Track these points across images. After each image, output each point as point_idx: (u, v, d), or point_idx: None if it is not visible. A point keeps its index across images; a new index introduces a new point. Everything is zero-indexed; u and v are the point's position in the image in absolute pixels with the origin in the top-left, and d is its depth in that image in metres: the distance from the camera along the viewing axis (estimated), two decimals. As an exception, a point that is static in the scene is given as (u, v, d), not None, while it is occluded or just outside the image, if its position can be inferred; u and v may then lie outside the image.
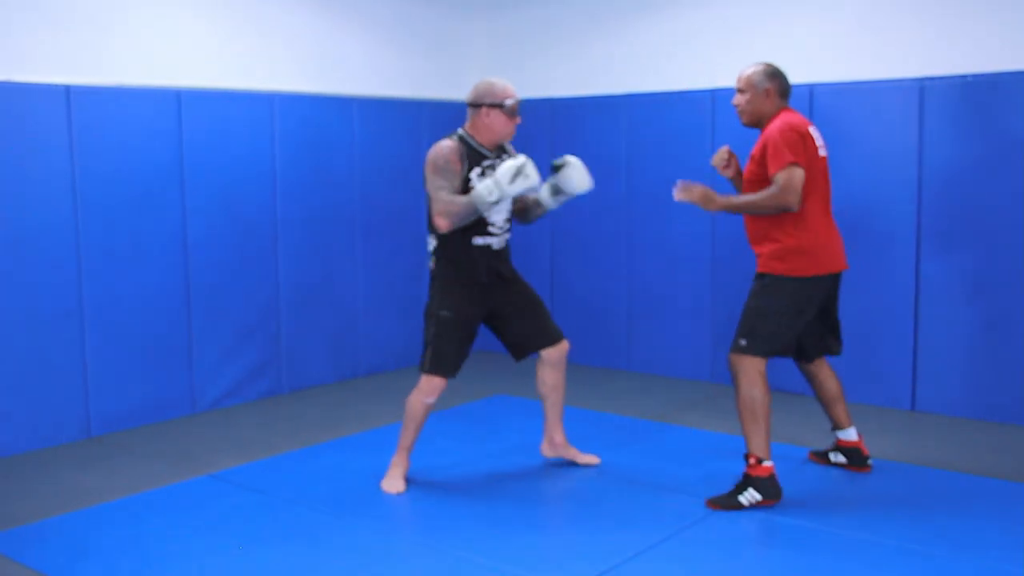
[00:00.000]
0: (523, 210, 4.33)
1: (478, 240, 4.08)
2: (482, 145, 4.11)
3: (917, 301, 5.33)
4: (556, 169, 4.20)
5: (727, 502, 3.92)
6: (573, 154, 4.30)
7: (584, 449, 4.60)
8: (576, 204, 4.80)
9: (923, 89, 5.22)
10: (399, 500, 4.11)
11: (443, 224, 3.92)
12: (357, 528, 3.81)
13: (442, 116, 6.84)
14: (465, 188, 4.01)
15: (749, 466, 3.93)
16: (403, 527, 3.81)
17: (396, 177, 6.54)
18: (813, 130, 4.02)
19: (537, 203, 4.29)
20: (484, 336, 7.40)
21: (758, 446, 3.91)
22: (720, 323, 6.04)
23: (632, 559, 3.48)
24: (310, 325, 6.10)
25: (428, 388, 4.17)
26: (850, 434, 4.38)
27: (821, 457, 4.49)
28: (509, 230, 4.23)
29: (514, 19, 7.00)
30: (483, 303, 4.19)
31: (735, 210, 4.03)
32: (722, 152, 4.33)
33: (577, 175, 4.16)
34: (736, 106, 4.16)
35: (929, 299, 5.30)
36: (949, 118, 5.18)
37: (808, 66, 5.63)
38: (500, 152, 4.20)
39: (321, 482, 4.35)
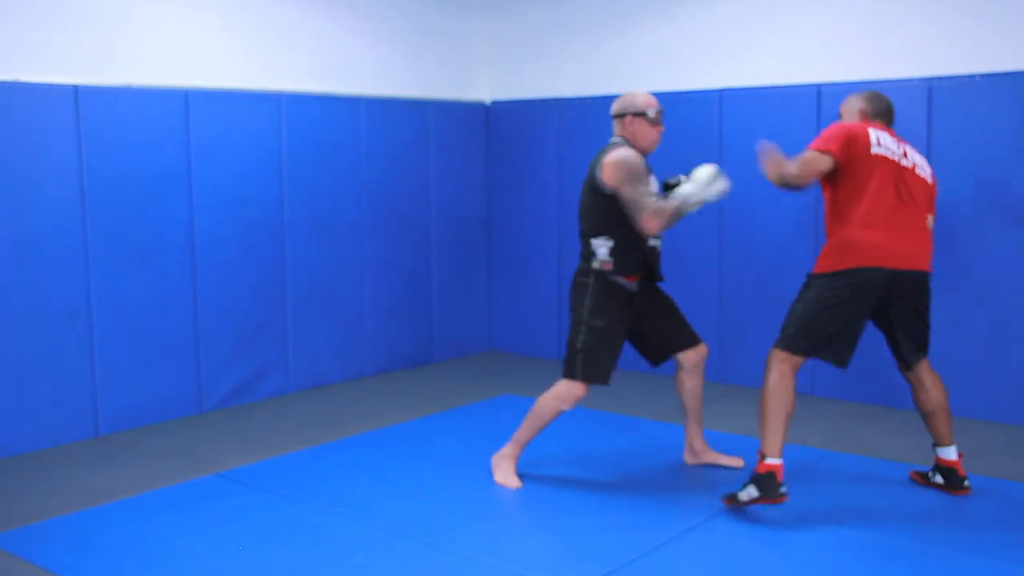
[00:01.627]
0: None
1: (653, 242, 4.18)
2: (639, 152, 4.17)
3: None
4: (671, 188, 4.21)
5: (731, 498, 3.91)
6: (580, 155, 4.32)
7: (589, 448, 4.59)
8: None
9: (931, 89, 5.21)
10: (405, 501, 4.11)
11: (655, 225, 3.94)
12: (363, 528, 3.81)
13: (449, 116, 6.86)
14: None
15: (757, 462, 3.90)
16: (409, 527, 3.81)
17: (403, 177, 6.55)
18: (879, 133, 3.95)
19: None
20: (486, 337, 7.41)
21: (768, 443, 3.87)
22: (726, 323, 6.03)
23: (638, 560, 3.48)
24: (317, 325, 6.11)
25: (569, 395, 4.17)
26: (948, 453, 4.12)
27: (923, 478, 4.25)
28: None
29: (521, 19, 6.99)
30: (630, 312, 4.21)
31: (783, 179, 3.87)
32: None
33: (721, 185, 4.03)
34: None
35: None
36: (957, 117, 5.17)
37: (815, 66, 5.63)
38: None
39: (328, 481, 4.35)
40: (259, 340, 5.80)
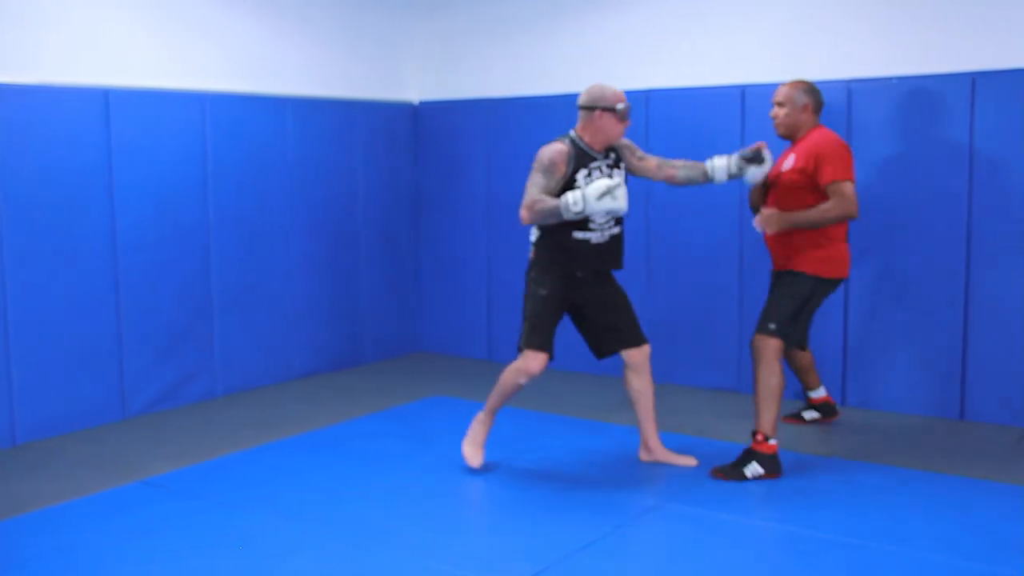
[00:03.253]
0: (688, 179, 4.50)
1: (578, 234, 4.22)
2: (591, 147, 4.27)
3: (847, 303, 5.46)
4: (751, 160, 4.40)
5: (732, 473, 4.25)
6: (508, 155, 4.36)
7: (518, 448, 4.61)
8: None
9: (850, 91, 5.34)
10: (335, 504, 4.08)
11: (524, 216, 4.14)
12: (294, 532, 3.77)
13: (379, 117, 6.83)
14: (569, 186, 4.18)
15: (756, 443, 4.27)
16: (341, 529, 3.78)
17: (331, 177, 6.50)
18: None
19: (705, 175, 4.47)
20: (415, 338, 7.38)
21: (768, 423, 4.25)
22: (659, 322, 6.11)
23: (569, 556, 3.50)
24: (245, 327, 6.02)
25: (524, 366, 4.27)
26: (820, 392, 5.09)
27: (795, 418, 5.14)
28: (614, 227, 4.30)
29: (449, 20, 6.99)
30: (575, 291, 4.32)
31: (804, 225, 4.30)
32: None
33: (762, 172, 4.43)
34: (774, 118, 4.52)
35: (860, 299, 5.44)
36: (874, 118, 5.32)
37: (740, 67, 5.73)
38: (608, 152, 4.34)
39: (257, 486, 4.29)
40: (184, 343, 5.69)
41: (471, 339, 7.00)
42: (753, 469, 4.24)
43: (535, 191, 4.15)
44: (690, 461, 4.49)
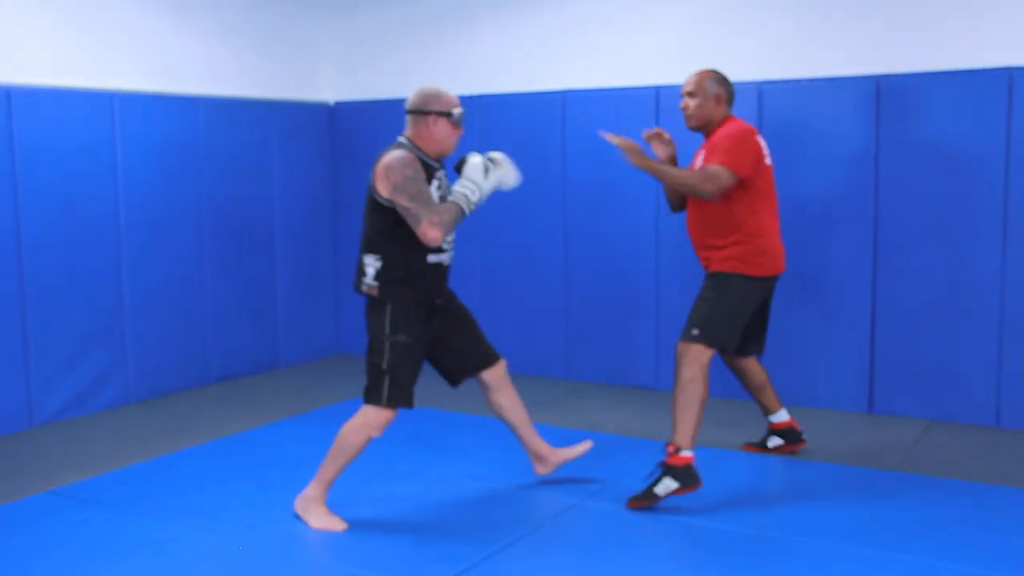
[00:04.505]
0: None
1: (432, 258, 3.76)
2: (427, 155, 3.77)
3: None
4: (457, 168, 3.87)
5: (644, 498, 3.91)
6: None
7: (436, 450, 4.58)
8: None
9: (761, 92, 5.46)
10: (254, 510, 4.01)
11: (436, 236, 3.56)
12: (210, 540, 3.70)
13: (292, 117, 6.74)
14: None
15: (668, 455, 3.93)
16: (258, 536, 3.72)
17: (245, 178, 6.40)
18: (760, 138, 4.19)
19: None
20: (335, 339, 7.31)
21: (684, 435, 3.94)
22: (573, 322, 6.15)
23: (490, 557, 3.51)
24: (157, 331, 5.89)
25: (378, 422, 3.77)
26: (782, 415, 4.62)
27: (759, 446, 4.69)
28: (453, 246, 3.91)
29: (365, 19, 6.94)
30: (431, 325, 3.87)
31: (659, 175, 4.05)
32: (659, 133, 4.39)
33: (507, 171, 3.81)
34: (684, 109, 4.23)
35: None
36: (784, 119, 5.44)
37: (654, 69, 5.81)
38: (441, 163, 3.88)
39: (172, 494, 4.20)
40: (95, 348, 5.55)
41: (391, 340, 6.95)
42: (665, 486, 3.89)
43: (425, 207, 3.58)
44: (586, 445, 4.28)
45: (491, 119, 6.30)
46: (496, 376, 4.10)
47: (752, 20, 5.54)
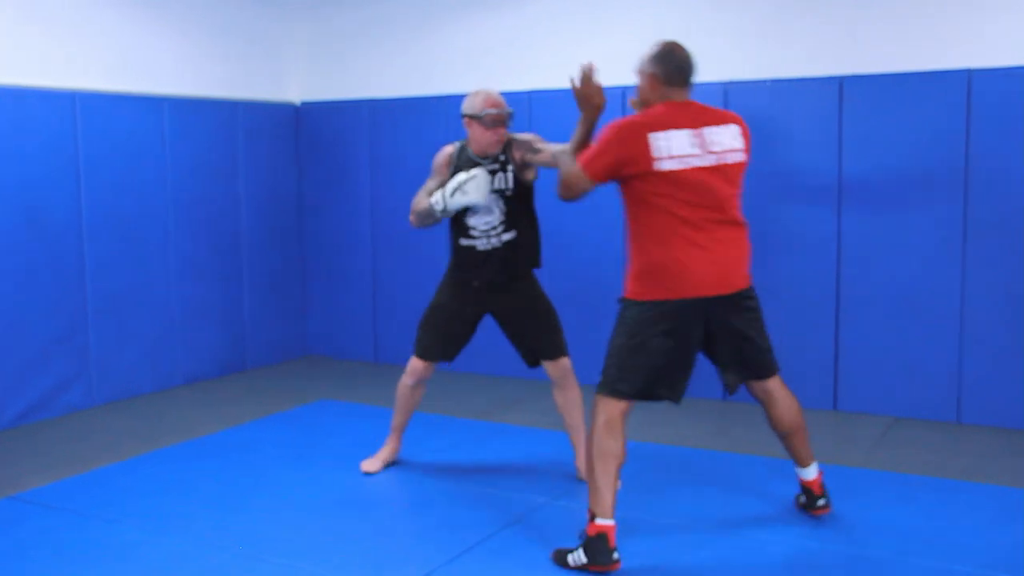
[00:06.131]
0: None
1: (463, 241, 4.16)
2: (476, 153, 4.14)
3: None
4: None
5: (560, 559, 3.41)
6: (391, 156, 4.32)
7: (406, 452, 4.58)
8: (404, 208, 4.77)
9: (727, 92, 5.50)
10: (221, 514, 3.99)
11: (411, 220, 4.18)
12: (178, 544, 3.67)
13: (258, 117, 6.71)
14: None
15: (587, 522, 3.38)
16: (227, 540, 3.70)
17: (211, 179, 6.36)
18: (669, 135, 3.28)
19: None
20: (301, 341, 7.28)
21: (595, 500, 3.33)
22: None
23: (458, 557, 3.51)
24: (123, 334, 5.84)
25: (410, 368, 4.31)
26: (809, 472, 3.78)
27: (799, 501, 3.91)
28: (504, 233, 4.09)
29: (331, 19, 6.91)
30: (477, 303, 4.22)
31: (557, 161, 3.61)
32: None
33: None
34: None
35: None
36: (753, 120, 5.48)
37: (620, 69, 5.82)
38: (498, 156, 4.12)
39: (138, 497, 4.17)
40: (57, 352, 5.49)
41: (359, 342, 6.94)
42: (576, 557, 3.34)
43: (420, 194, 4.15)
44: None
45: (458, 119, 6.26)
46: (555, 372, 4.27)
47: (718, 20, 5.59)
